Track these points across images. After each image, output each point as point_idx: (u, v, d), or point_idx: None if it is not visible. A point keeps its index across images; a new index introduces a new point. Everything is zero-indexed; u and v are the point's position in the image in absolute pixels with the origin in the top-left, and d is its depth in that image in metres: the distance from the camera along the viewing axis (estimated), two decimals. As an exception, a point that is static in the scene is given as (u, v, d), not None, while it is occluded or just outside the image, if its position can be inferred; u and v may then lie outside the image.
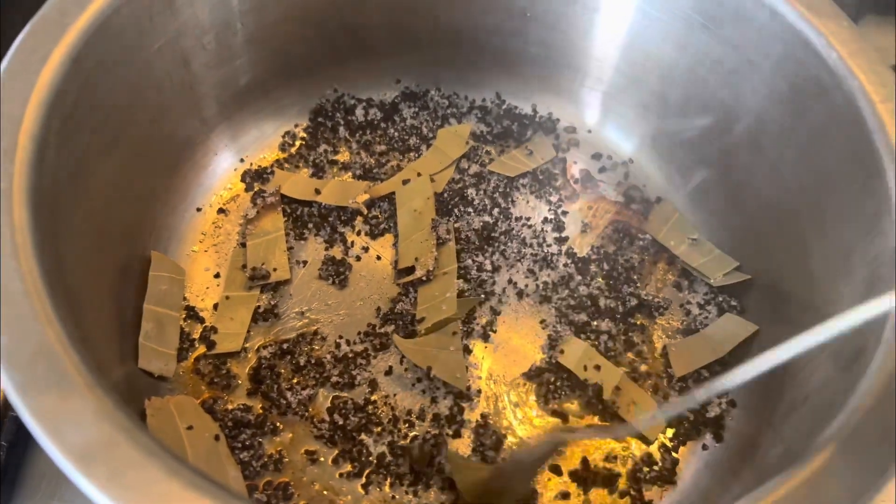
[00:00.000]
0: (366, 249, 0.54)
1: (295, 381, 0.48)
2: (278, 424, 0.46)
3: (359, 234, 0.55)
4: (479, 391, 0.49)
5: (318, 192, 0.55)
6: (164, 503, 0.27)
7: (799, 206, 0.48)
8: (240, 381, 0.48)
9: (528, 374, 0.50)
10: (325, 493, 0.44)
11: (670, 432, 0.48)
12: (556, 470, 0.46)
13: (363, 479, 0.45)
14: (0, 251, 0.33)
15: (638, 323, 0.52)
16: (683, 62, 0.53)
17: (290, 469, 0.45)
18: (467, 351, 0.50)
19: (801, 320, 0.46)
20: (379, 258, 0.54)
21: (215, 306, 0.50)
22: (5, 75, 0.38)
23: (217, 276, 0.52)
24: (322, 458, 0.45)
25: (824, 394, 0.38)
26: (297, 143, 0.59)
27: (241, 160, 0.58)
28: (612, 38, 0.56)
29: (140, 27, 0.45)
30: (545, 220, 0.57)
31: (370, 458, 0.45)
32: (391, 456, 0.46)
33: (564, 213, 0.57)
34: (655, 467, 0.47)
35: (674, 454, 0.47)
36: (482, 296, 0.52)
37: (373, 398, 0.48)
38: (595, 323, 0.51)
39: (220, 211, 0.55)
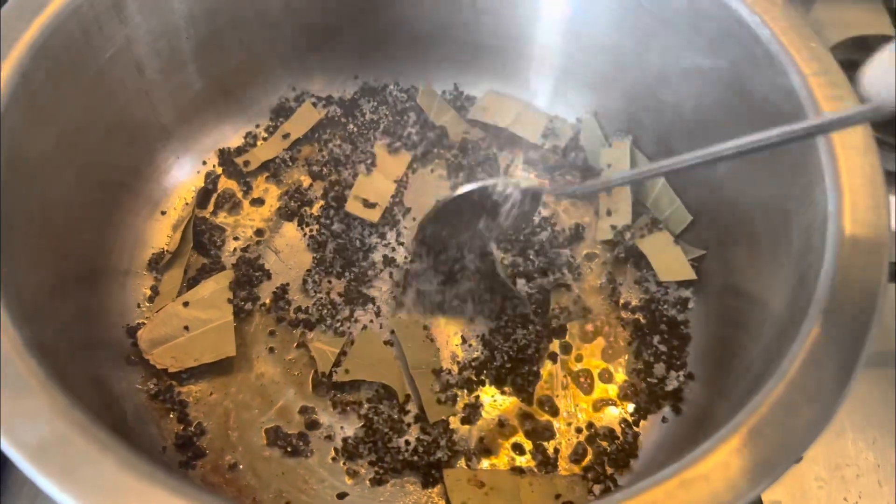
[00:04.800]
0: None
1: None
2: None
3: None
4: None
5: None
6: (116, 495, 0.29)
7: (742, 180, 0.49)
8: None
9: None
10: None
11: (631, 407, 0.49)
12: (520, 449, 0.48)
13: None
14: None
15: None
16: (626, 44, 0.54)
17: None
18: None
19: (751, 291, 0.48)
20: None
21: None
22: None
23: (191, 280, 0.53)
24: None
25: (763, 360, 0.40)
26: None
27: (203, 162, 0.59)
28: (555, 23, 0.57)
29: (88, 37, 0.45)
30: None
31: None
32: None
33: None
34: (617, 441, 0.48)
35: (635, 428, 0.49)
36: None
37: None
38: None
39: (186, 214, 0.56)
